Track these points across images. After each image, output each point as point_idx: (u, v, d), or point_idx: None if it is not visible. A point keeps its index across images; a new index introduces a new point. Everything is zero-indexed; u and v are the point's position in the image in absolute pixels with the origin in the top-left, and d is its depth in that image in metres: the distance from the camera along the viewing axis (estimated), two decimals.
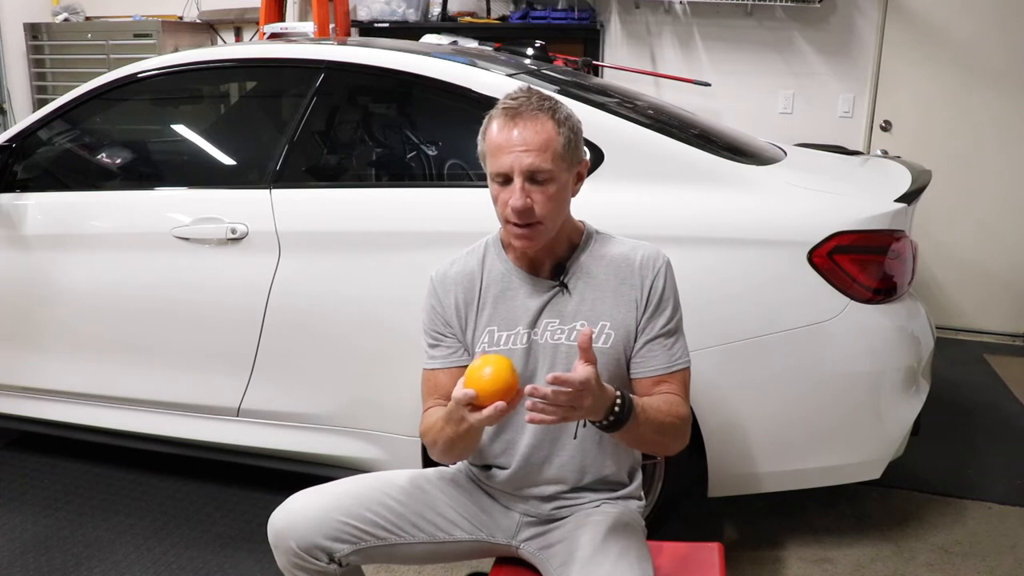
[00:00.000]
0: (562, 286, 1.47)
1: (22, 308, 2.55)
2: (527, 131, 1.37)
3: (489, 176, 1.42)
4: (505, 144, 1.37)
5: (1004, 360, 3.88)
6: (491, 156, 1.40)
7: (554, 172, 1.38)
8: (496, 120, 1.41)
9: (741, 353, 2.05)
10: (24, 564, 2.22)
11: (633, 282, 1.46)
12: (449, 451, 1.42)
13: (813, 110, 4.26)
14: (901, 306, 2.15)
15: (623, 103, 2.46)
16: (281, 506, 1.50)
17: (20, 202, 2.52)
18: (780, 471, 2.16)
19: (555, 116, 1.40)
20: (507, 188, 1.39)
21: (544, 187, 1.37)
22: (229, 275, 2.30)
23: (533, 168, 1.36)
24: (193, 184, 2.46)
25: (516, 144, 1.37)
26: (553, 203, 1.39)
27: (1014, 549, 2.34)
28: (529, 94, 1.42)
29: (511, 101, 1.41)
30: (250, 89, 2.95)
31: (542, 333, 1.47)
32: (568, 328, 1.46)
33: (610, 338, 1.45)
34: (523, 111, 1.38)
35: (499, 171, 1.39)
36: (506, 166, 1.37)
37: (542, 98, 1.42)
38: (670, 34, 4.36)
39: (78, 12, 5.02)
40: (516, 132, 1.37)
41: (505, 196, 1.39)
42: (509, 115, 1.39)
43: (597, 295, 1.47)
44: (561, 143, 1.39)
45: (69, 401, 2.55)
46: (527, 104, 1.39)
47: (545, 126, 1.38)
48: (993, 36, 3.99)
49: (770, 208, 2.10)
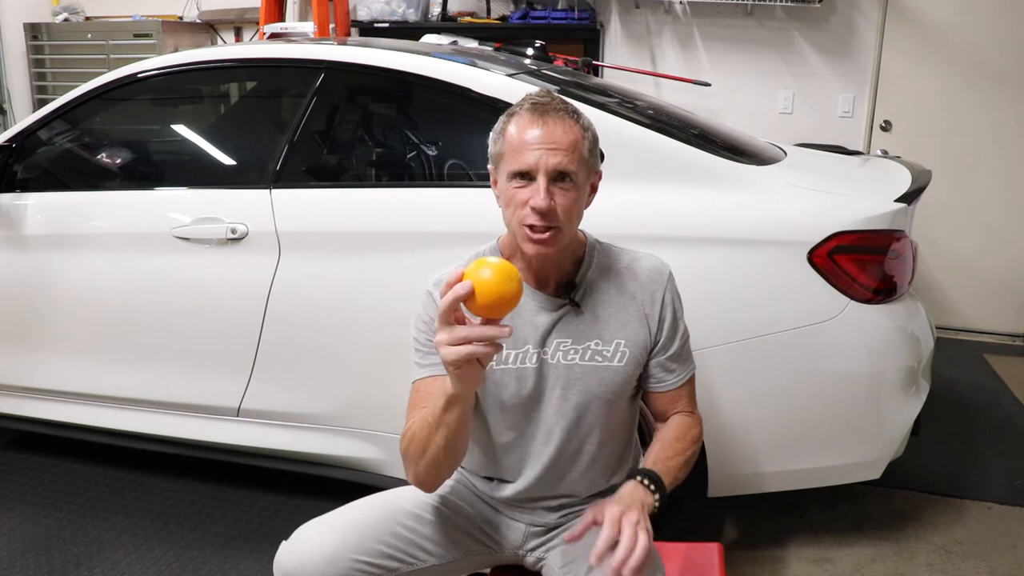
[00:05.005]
0: (572, 303, 1.42)
1: (22, 308, 2.55)
2: (556, 129, 1.32)
3: (504, 176, 1.35)
4: (531, 141, 1.31)
5: (1004, 360, 3.88)
6: (511, 154, 1.33)
7: (578, 176, 1.33)
8: (520, 116, 1.35)
9: (741, 353, 2.05)
10: (24, 564, 2.22)
11: (643, 297, 1.44)
12: (433, 457, 1.28)
13: (813, 110, 4.26)
14: (901, 306, 2.15)
15: (623, 103, 2.46)
16: (287, 545, 1.39)
17: (20, 202, 2.52)
18: (780, 471, 2.16)
19: (580, 120, 1.37)
20: (527, 188, 1.32)
21: (567, 190, 1.32)
22: (229, 275, 2.30)
23: (560, 168, 1.31)
24: (193, 184, 2.46)
25: (544, 141, 1.31)
26: (574, 208, 1.34)
27: (1014, 549, 2.34)
28: (553, 96, 1.38)
29: (538, 98, 1.36)
30: (250, 89, 2.95)
31: (553, 353, 1.42)
32: (582, 348, 1.41)
33: (625, 356, 1.43)
34: (550, 110, 1.34)
35: (521, 169, 1.32)
36: (531, 163, 1.31)
37: (566, 102, 1.38)
38: (670, 34, 4.36)
39: (78, 12, 5.02)
40: (544, 130, 1.32)
41: (524, 196, 1.32)
42: (538, 111, 1.34)
43: (608, 312, 1.43)
44: (587, 147, 1.35)
45: (69, 401, 2.55)
46: (553, 104, 1.35)
47: (573, 128, 1.34)
48: (993, 36, 3.99)
49: (770, 208, 2.10)
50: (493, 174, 1.41)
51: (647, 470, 1.36)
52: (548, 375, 1.42)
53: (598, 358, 1.41)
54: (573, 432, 1.45)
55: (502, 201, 1.38)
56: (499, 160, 1.37)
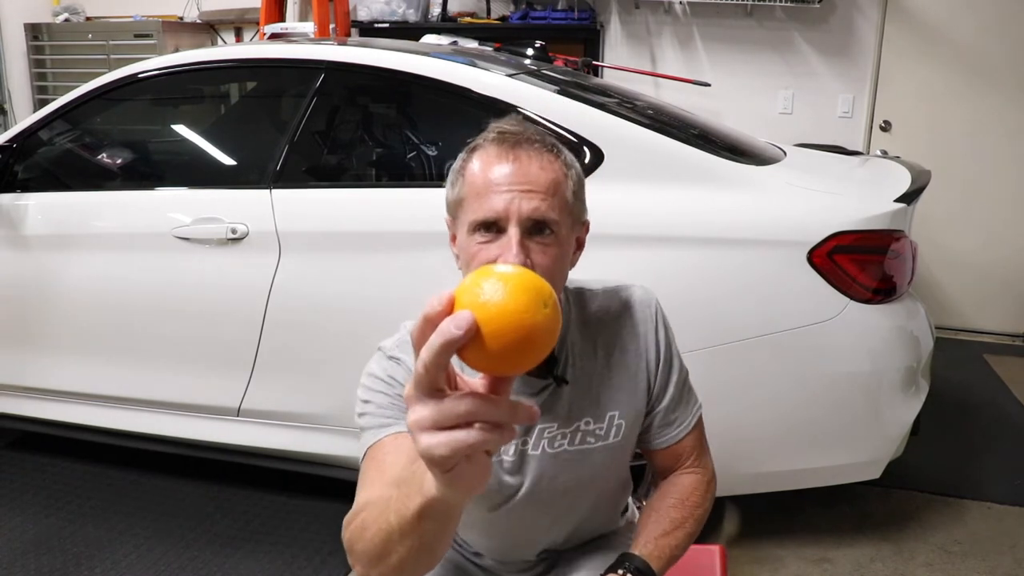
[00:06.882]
0: (557, 380, 1.12)
1: (23, 308, 2.55)
2: (532, 166, 1.02)
3: (465, 229, 1.04)
4: (499, 181, 1.01)
5: (1003, 360, 3.88)
6: (473, 198, 1.02)
7: (560, 227, 1.03)
8: (485, 150, 1.04)
9: (740, 353, 2.06)
10: (24, 564, 2.22)
11: (634, 346, 1.18)
12: (396, 565, 0.82)
13: (813, 110, 4.26)
14: (901, 306, 2.15)
15: (623, 103, 2.46)
16: None
17: (21, 202, 2.52)
18: (780, 471, 2.16)
19: (561, 156, 1.06)
20: (494, 243, 1.01)
21: (547, 246, 1.02)
22: (229, 275, 2.31)
23: (538, 215, 1.00)
24: (193, 184, 2.46)
25: (515, 182, 1.01)
26: (557, 269, 1.04)
27: (1013, 549, 2.34)
28: (526, 125, 1.08)
29: (508, 127, 1.06)
30: (250, 89, 2.95)
31: (536, 442, 1.14)
32: (571, 431, 1.14)
33: (621, 429, 1.17)
34: (523, 141, 1.04)
35: (487, 217, 1.01)
36: (498, 210, 1.00)
37: (542, 132, 1.08)
38: (670, 34, 4.37)
39: (79, 12, 5.02)
40: (516, 166, 1.02)
41: (491, 254, 1.00)
42: (507, 144, 1.03)
43: (597, 379, 1.16)
44: (570, 189, 1.05)
45: (70, 401, 2.55)
46: (527, 135, 1.05)
47: (553, 164, 1.04)
48: (993, 36, 3.99)
49: (770, 208, 2.10)
50: (451, 227, 1.10)
51: (634, 558, 1.13)
52: (530, 466, 1.15)
53: (590, 439, 1.15)
54: (561, 519, 1.23)
55: (461, 262, 1.07)
56: (458, 208, 1.06)
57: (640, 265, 2.02)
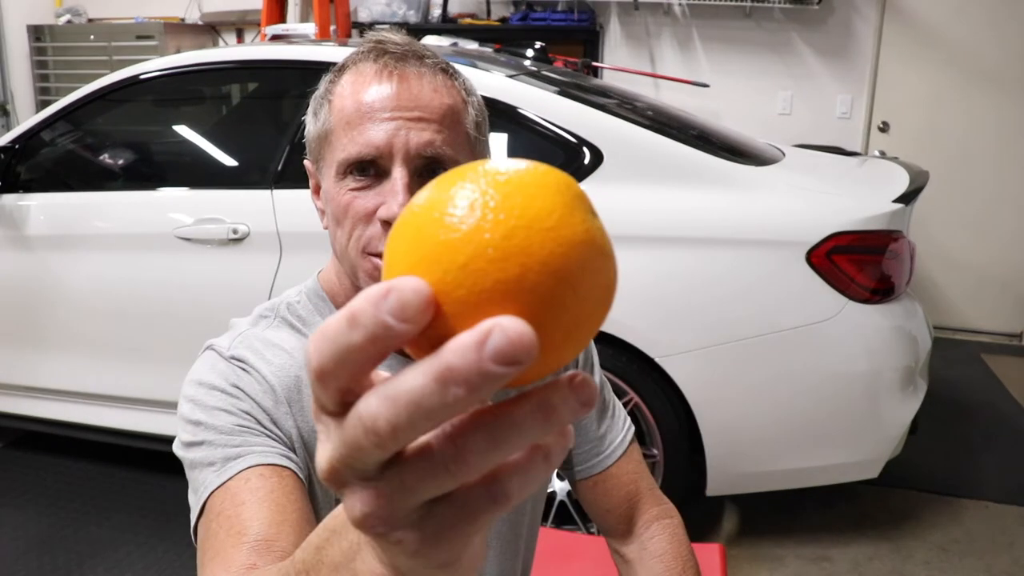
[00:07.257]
0: None
1: (25, 308, 2.56)
2: (422, 88, 0.78)
3: (332, 172, 0.80)
4: (378, 107, 0.77)
5: (1001, 360, 3.89)
6: (342, 131, 0.79)
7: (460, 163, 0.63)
8: (357, 69, 0.80)
9: (739, 353, 2.07)
10: (27, 563, 2.23)
11: None
12: None
13: (811, 111, 4.27)
14: (899, 306, 2.16)
15: (622, 104, 2.47)
16: None
17: (23, 203, 2.53)
18: (778, 470, 2.17)
19: (458, 79, 0.83)
20: (371, 189, 0.78)
21: None
22: (231, 275, 2.32)
23: (431, 152, 0.77)
24: (195, 185, 2.47)
25: (400, 107, 0.77)
26: None
27: (1011, 547, 2.35)
28: (414, 41, 0.82)
29: (390, 37, 0.82)
30: (252, 90, 2.96)
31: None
32: None
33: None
34: (410, 58, 0.80)
35: (359, 155, 0.77)
36: (378, 144, 0.76)
37: (433, 51, 0.83)
38: (669, 35, 4.38)
39: (81, 14, 5.03)
40: (400, 88, 0.77)
41: (367, 203, 0.78)
42: (388, 60, 0.79)
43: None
44: (472, 120, 0.82)
45: (72, 400, 2.57)
46: (414, 50, 0.81)
47: (449, 87, 0.80)
48: (990, 37, 4.00)
49: (768, 208, 2.11)
50: (313, 175, 0.87)
51: None
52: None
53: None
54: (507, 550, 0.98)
55: (329, 215, 0.84)
56: (322, 146, 0.82)
57: (640, 265, 2.03)
